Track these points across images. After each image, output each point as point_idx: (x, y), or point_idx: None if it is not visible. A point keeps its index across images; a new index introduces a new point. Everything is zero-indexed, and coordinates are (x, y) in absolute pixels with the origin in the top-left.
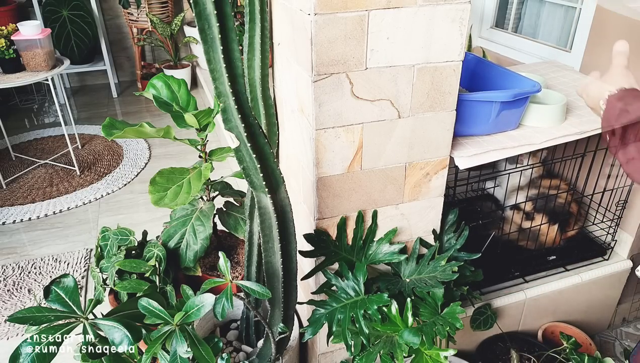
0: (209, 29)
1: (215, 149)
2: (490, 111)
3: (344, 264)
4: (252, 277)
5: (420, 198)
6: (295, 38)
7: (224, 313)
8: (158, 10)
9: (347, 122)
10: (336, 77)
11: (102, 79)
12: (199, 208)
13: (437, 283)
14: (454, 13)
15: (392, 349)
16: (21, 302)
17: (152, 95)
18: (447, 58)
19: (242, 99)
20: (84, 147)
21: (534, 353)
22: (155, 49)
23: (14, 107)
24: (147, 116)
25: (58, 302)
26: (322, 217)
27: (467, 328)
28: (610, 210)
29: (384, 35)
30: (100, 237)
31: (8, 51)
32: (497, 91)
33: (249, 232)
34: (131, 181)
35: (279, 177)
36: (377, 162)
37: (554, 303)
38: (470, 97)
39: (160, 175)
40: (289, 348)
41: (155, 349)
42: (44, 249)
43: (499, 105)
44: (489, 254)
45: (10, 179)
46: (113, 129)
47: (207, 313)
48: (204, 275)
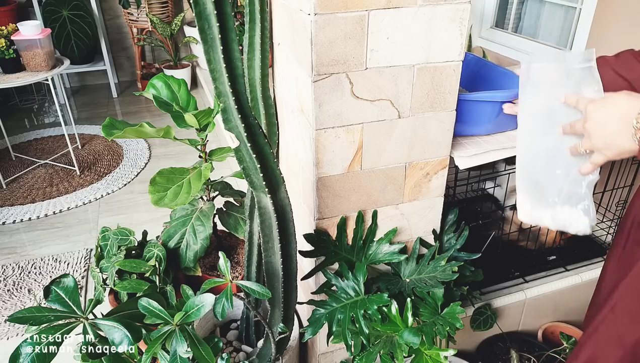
0: (209, 29)
1: (215, 149)
2: (491, 111)
3: (344, 264)
4: (252, 277)
5: (420, 198)
6: (295, 38)
7: (224, 313)
8: (158, 10)
9: (347, 122)
10: (336, 77)
11: (102, 79)
12: (199, 208)
13: (437, 283)
14: (454, 13)
15: (392, 349)
16: (21, 302)
17: (152, 95)
18: (447, 58)
19: (242, 99)
20: (84, 147)
21: (534, 353)
22: (155, 49)
23: (14, 107)
24: (147, 116)
25: (58, 302)
26: (322, 217)
27: (467, 328)
28: (610, 210)
29: (384, 35)
30: (100, 237)
31: (8, 51)
32: (499, 91)
33: (249, 232)
34: (131, 181)
35: (279, 177)
36: (377, 162)
37: (554, 303)
38: (471, 97)
39: (160, 175)
40: (289, 348)
41: (155, 349)
42: (44, 249)
43: (500, 105)
44: (489, 254)
45: (10, 179)
46: (113, 129)
47: (207, 313)
48: (204, 275)
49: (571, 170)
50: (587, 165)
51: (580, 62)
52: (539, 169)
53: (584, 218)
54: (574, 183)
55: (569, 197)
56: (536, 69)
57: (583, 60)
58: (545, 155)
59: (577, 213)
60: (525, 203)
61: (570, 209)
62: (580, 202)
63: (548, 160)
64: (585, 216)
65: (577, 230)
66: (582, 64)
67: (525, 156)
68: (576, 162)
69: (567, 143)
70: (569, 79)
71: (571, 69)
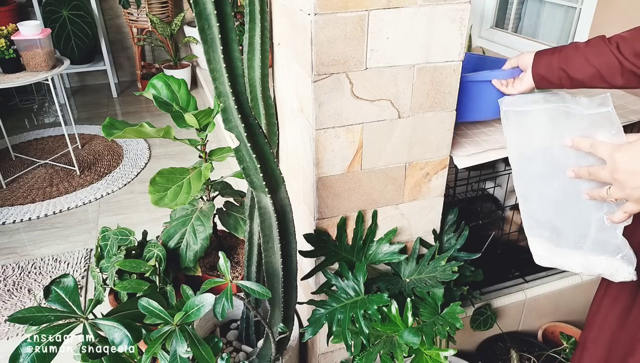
0: (209, 29)
1: (215, 149)
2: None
3: (344, 264)
4: (252, 277)
5: (420, 198)
6: (295, 38)
7: (224, 313)
8: (158, 10)
9: (347, 122)
10: (336, 77)
11: (102, 79)
12: (199, 208)
13: (437, 283)
14: (454, 13)
15: (392, 349)
16: (21, 302)
17: (152, 95)
18: (447, 58)
19: (242, 99)
20: (84, 147)
21: (534, 353)
22: (155, 49)
23: (14, 107)
24: (147, 116)
25: (58, 302)
26: (322, 217)
27: (467, 328)
28: None
29: (384, 35)
30: (100, 237)
31: (8, 51)
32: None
33: (249, 232)
34: (131, 181)
35: (279, 177)
36: (377, 162)
37: (554, 303)
38: (473, 78)
39: (160, 175)
40: (289, 348)
41: (155, 349)
42: (44, 249)
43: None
44: (489, 254)
45: (10, 179)
46: (113, 129)
47: (207, 313)
48: (204, 275)
49: (593, 215)
50: (619, 214)
51: (592, 107)
52: (549, 213)
53: (627, 267)
54: (605, 230)
55: (602, 245)
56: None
57: (597, 106)
58: (553, 199)
59: (617, 263)
60: (540, 248)
61: (608, 259)
62: (618, 252)
63: (557, 205)
64: (628, 265)
65: (623, 278)
66: (594, 109)
67: (529, 202)
68: (596, 206)
69: (576, 186)
70: (569, 120)
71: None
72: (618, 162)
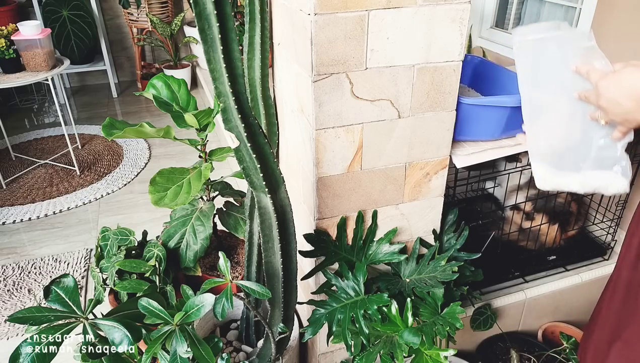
0: (209, 29)
1: (215, 149)
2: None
3: (344, 264)
4: (252, 277)
5: (420, 198)
6: (295, 38)
7: (224, 313)
8: (158, 10)
9: (347, 122)
10: (336, 77)
11: (102, 79)
12: (199, 208)
13: (437, 283)
14: (454, 13)
15: (392, 349)
16: (21, 302)
17: (152, 95)
18: (447, 58)
19: (242, 99)
20: (84, 147)
21: (534, 353)
22: (155, 49)
23: (14, 107)
24: (147, 116)
25: (58, 302)
26: (322, 217)
27: (467, 328)
28: (610, 210)
29: (384, 35)
30: (100, 237)
31: (8, 51)
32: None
33: (249, 232)
34: (131, 181)
35: (279, 177)
36: (377, 162)
37: (554, 303)
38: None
39: (160, 175)
40: (289, 348)
41: (155, 349)
42: (44, 249)
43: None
44: (489, 254)
45: (10, 179)
46: (113, 129)
47: (207, 313)
48: (204, 275)
49: (595, 135)
50: (616, 133)
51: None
52: (555, 136)
53: (621, 179)
54: (606, 147)
55: (600, 161)
56: (532, 41)
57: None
58: (560, 122)
59: (612, 175)
60: (543, 172)
61: (604, 172)
62: (615, 164)
63: (564, 126)
64: (623, 177)
65: (616, 190)
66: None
67: (536, 125)
68: (598, 126)
69: (581, 109)
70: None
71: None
72: (601, 90)
